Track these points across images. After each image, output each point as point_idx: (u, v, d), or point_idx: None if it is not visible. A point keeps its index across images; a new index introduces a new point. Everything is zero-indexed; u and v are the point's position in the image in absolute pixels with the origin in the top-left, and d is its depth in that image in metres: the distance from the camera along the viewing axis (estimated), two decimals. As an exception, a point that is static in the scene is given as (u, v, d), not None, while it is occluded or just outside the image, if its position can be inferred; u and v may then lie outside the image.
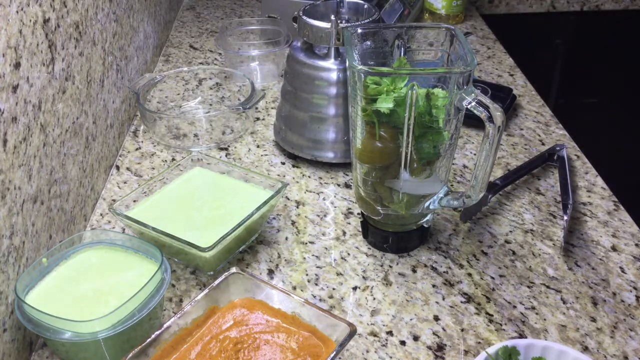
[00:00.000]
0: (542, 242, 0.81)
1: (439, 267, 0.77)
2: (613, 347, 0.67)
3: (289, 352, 0.60)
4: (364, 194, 0.76)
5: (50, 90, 0.73)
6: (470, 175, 0.94)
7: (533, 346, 0.60)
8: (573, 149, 1.01)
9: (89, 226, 0.85)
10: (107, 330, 0.59)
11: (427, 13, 1.49)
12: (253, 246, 0.81)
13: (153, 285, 0.63)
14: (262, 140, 1.04)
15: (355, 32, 0.75)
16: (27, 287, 0.64)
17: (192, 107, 1.14)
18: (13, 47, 0.64)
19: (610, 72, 1.72)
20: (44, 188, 0.72)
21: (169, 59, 1.34)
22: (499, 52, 1.36)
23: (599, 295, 0.73)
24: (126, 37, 1.08)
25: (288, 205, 0.88)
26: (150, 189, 0.81)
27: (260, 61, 1.24)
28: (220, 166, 0.85)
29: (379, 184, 0.73)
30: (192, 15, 1.58)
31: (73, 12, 0.81)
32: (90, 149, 0.87)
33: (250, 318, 0.64)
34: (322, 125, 0.92)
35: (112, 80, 0.99)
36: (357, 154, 0.73)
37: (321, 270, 0.77)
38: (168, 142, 1.03)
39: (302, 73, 0.92)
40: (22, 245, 0.66)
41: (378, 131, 0.69)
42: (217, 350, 0.60)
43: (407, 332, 0.69)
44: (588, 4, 1.74)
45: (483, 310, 0.71)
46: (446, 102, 0.66)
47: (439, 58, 0.77)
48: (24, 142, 0.66)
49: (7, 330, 0.62)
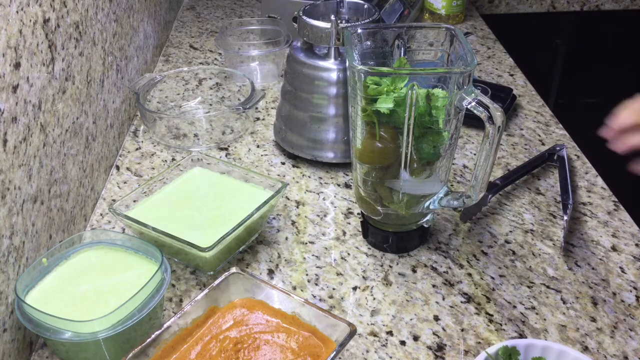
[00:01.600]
0: (542, 242, 0.81)
1: (439, 267, 0.77)
2: (613, 347, 0.67)
3: (289, 352, 0.60)
4: (364, 194, 0.76)
5: (50, 90, 0.73)
6: (470, 175, 0.94)
7: (533, 346, 0.60)
8: (573, 149, 1.01)
9: (89, 226, 0.85)
10: (107, 330, 0.59)
11: (427, 13, 1.49)
12: (253, 246, 0.81)
13: (153, 285, 0.63)
14: (262, 140, 1.04)
15: (355, 32, 0.75)
16: (27, 287, 0.64)
17: (192, 107, 1.14)
18: (13, 47, 0.64)
19: (610, 72, 1.71)
20: (44, 188, 0.72)
21: (169, 59, 1.34)
22: (499, 52, 1.36)
23: (599, 295, 0.73)
24: (126, 37, 1.08)
25: (288, 205, 0.88)
26: (150, 189, 0.81)
27: (260, 61, 1.24)
28: (220, 166, 0.85)
29: (379, 184, 0.73)
30: (192, 15, 1.58)
31: (73, 12, 0.81)
32: (90, 149, 0.87)
33: (250, 318, 0.64)
34: (322, 125, 0.92)
35: (112, 80, 0.99)
36: (357, 154, 0.73)
37: (321, 270, 0.77)
38: (168, 142, 1.03)
39: (302, 73, 0.92)
40: (22, 245, 0.66)
41: (378, 131, 0.69)
42: (217, 350, 0.60)
43: (407, 332, 0.69)
44: (588, 4, 1.74)
45: (483, 310, 0.71)
46: (446, 102, 0.66)
47: (438, 58, 0.77)
48: (24, 142, 0.66)
49: (7, 330, 0.62)
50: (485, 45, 1.39)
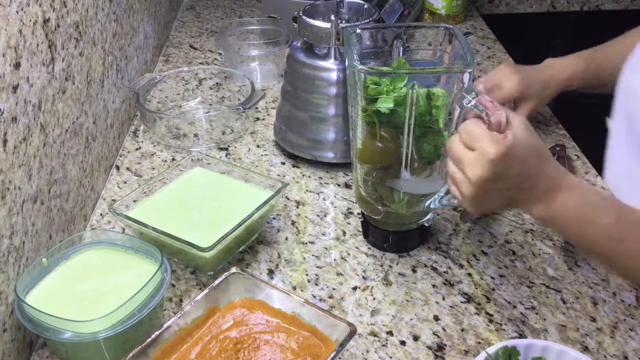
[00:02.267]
0: (542, 242, 0.81)
1: (439, 267, 0.77)
2: (613, 347, 0.67)
3: (289, 352, 0.60)
4: (364, 194, 0.76)
5: (50, 90, 0.73)
6: (470, 175, 0.94)
7: (533, 346, 0.60)
8: (573, 149, 1.00)
9: (89, 226, 0.85)
10: (107, 330, 0.59)
11: (427, 13, 1.49)
12: (253, 246, 0.81)
13: (153, 285, 0.63)
14: (262, 140, 1.04)
15: (355, 32, 0.75)
16: (27, 287, 0.64)
17: (192, 107, 1.14)
18: (13, 47, 0.64)
19: (610, 72, 1.71)
20: (44, 188, 0.72)
21: (169, 59, 1.34)
22: (499, 52, 1.36)
23: (599, 295, 0.73)
24: (126, 37, 1.08)
25: (288, 205, 0.88)
26: (150, 189, 0.81)
27: (260, 61, 1.24)
28: (220, 166, 0.85)
29: (379, 184, 0.73)
30: (192, 15, 1.58)
31: (73, 12, 0.81)
32: (90, 149, 0.87)
33: (250, 318, 0.64)
34: (322, 125, 0.92)
35: (112, 80, 0.99)
36: (358, 154, 0.73)
37: (321, 270, 0.77)
38: (168, 142, 1.03)
39: (302, 73, 0.92)
40: (22, 245, 0.66)
41: (379, 131, 0.69)
42: (217, 350, 0.60)
43: (407, 332, 0.69)
44: (588, 4, 1.74)
45: (483, 310, 0.71)
46: (446, 101, 0.66)
47: (437, 57, 0.77)
48: (24, 142, 0.66)
49: (7, 330, 0.62)
50: (485, 45, 1.39)
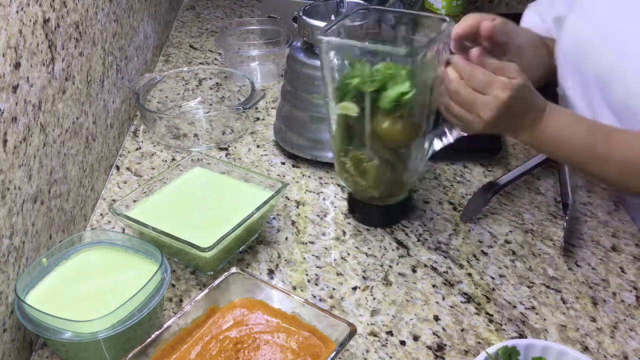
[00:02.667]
0: (542, 242, 0.81)
1: (439, 267, 0.77)
2: (613, 347, 0.67)
3: (289, 352, 0.60)
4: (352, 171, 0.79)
5: (50, 90, 0.73)
6: (470, 176, 0.95)
7: (533, 346, 0.60)
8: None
9: (89, 226, 0.85)
10: (107, 330, 0.59)
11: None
12: (253, 246, 0.81)
13: (153, 285, 0.63)
14: (262, 140, 1.04)
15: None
16: (27, 287, 0.64)
17: (192, 107, 1.14)
18: (13, 47, 0.64)
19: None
20: (44, 188, 0.72)
21: (169, 59, 1.34)
22: (499, 52, 1.36)
23: (599, 295, 0.73)
24: (126, 37, 1.08)
25: (288, 205, 0.88)
26: (150, 189, 0.81)
27: (260, 61, 1.24)
28: (220, 166, 0.85)
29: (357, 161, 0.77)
30: (192, 15, 1.59)
31: (73, 12, 0.81)
32: (90, 149, 0.87)
33: (250, 318, 0.64)
34: (322, 125, 0.92)
35: (112, 80, 0.99)
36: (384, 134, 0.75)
37: (321, 270, 0.77)
38: (168, 142, 1.03)
39: (302, 73, 0.92)
40: (22, 245, 0.66)
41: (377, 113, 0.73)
42: (217, 350, 0.60)
43: (407, 332, 0.69)
44: (588, 4, 1.73)
45: (483, 310, 0.71)
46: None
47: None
48: (24, 142, 0.66)
49: (7, 330, 0.62)
50: (485, 45, 1.39)
